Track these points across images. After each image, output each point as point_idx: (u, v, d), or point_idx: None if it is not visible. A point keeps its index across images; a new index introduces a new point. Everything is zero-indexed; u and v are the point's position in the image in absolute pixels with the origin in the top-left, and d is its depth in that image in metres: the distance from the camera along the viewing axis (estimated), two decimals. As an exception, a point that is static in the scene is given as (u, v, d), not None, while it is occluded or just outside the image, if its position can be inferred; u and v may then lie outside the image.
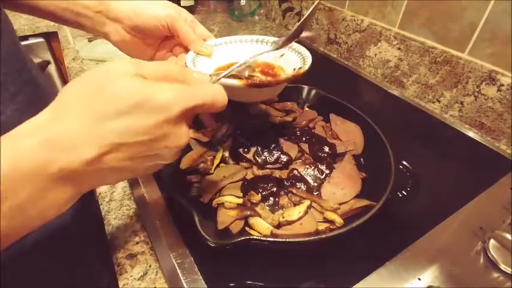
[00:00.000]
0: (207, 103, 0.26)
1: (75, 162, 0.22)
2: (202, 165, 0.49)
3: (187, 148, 0.53)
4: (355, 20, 0.86)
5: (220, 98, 0.27)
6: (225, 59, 0.49)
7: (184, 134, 0.26)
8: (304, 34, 0.50)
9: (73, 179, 0.22)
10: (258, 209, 0.43)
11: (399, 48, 0.77)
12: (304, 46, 0.47)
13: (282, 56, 0.49)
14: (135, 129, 0.23)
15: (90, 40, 0.94)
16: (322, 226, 0.42)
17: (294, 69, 0.44)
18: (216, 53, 0.48)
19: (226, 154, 0.52)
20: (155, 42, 0.47)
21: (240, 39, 0.52)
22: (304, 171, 0.48)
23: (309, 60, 0.44)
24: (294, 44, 0.47)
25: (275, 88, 0.45)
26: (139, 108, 0.22)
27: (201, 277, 0.38)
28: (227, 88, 0.29)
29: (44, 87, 0.43)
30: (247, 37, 0.52)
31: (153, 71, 0.25)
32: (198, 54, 0.45)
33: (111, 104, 0.22)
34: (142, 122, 0.23)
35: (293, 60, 0.47)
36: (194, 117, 0.29)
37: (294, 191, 0.46)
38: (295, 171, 0.48)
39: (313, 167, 0.49)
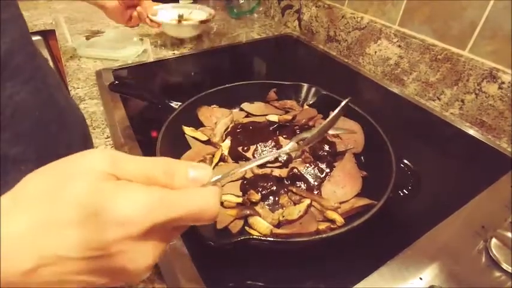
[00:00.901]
0: (190, 216, 0.21)
1: (9, 273, 0.18)
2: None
3: (186, 147, 0.53)
4: (355, 18, 0.85)
5: (211, 210, 0.22)
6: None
7: (150, 253, 0.21)
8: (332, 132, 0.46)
9: None
10: (257, 208, 0.43)
11: (399, 46, 0.76)
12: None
13: None
14: (84, 243, 0.19)
15: (87, 38, 0.94)
16: (323, 225, 0.41)
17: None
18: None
19: (225, 153, 0.51)
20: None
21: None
22: (304, 170, 0.48)
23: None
24: None
25: None
26: (93, 220, 0.19)
27: (200, 277, 0.37)
28: None
29: (51, 74, 0.44)
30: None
31: (130, 169, 0.21)
32: None
33: (62, 211, 0.19)
34: (94, 237, 0.19)
35: None
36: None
37: (294, 189, 0.45)
38: (295, 170, 0.48)
39: (313, 166, 0.48)
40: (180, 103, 0.56)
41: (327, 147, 0.51)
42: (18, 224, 0.19)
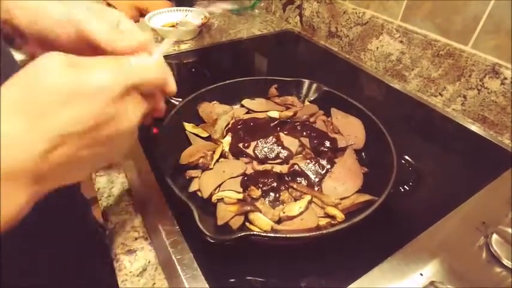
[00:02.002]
0: (149, 79, 0.26)
1: (28, 161, 0.21)
2: (201, 160, 0.48)
3: (187, 143, 0.53)
4: (356, 13, 0.85)
5: (155, 71, 0.27)
6: None
7: (131, 112, 0.25)
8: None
9: (29, 178, 0.21)
10: (258, 204, 0.43)
11: (401, 41, 0.76)
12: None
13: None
14: (78, 117, 0.22)
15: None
16: (323, 221, 0.41)
17: None
18: None
19: (226, 149, 0.51)
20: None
21: None
22: (304, 166, 0.48)
23: None
24: None
25: None
26: (75, 96, 0.22)
27: (200, 273, 0.37)
28: None
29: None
30: None
31: (87, 59, 0.24)
32: None
33: (47, 98, 0.22)
34: (83, 110, 0.22)
35: None
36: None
37: (295, 186, 0.45)
38: (296, 166, 0.48)
39: (314, 162, 0.48)
40: (180, 99, 0.56)
41: (327, 144, 0.51)
42: (12, 124, 0.21)
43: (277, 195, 0.44)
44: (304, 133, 0.53)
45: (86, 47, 0.29)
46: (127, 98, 0.25)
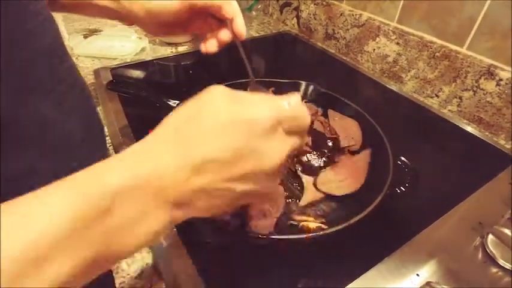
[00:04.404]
0: (295, 121, 0.26)
1: (175, 187, 0.22)
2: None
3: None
4: (353, 15, 0.85)
5: (305, 115, 0.27)
6: None
7: (277, 150, 0.25)
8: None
9: (171, 202, 0.22)
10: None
11: (398, 43, 0.76)
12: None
13: None
14: (225, 145, 0.22)
15: (85, 37, 0.93)
16: (314, 225, 0.42)
17: None
18: None
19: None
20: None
21: None
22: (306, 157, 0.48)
23: None
24: None
25: None
26: (229, 125, 0.23)
27: (198, 274, 0.37)
28: None
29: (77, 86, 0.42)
30: None
31: (247, 95, 0.26)
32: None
33: (203, 127, 0.23)
34: (231, 138, 0.23)
35: None
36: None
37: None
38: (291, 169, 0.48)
39: (317, 154, 0.49)
40: (178, 101, 0.56)
41: (330, 143, 0.51)
42: (169, 148, 0.22)
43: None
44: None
45: (188, 18, 0.45)
46: (276, 134, 0.24)
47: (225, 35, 0.48)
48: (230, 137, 0.23)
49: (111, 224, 0.20)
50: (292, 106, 0.26)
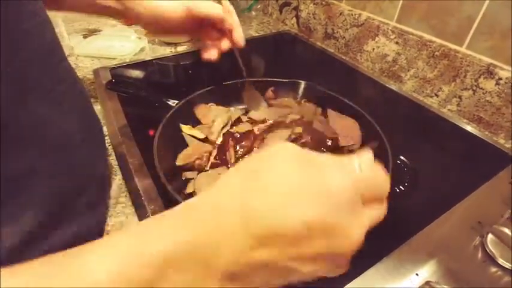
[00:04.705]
0: (377, 187, 0.23)
1: (237, 253, 0.19)
2: (197, 162, 0.48)
3: (183, 145, 0.53)
4: (352, 15, 0.85)
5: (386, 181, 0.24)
6: None
7: (355, 228, 0.21)
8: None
9: (224, 272, 0.20)
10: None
11: (397, 43, 0.76)
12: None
13: None
14: (293, 219, 0.19)
15: (85, 36, 0.93)
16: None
17: None
18: None
19: (223, 150, 0.51)
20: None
21: None
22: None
23: None
24: None
25: None
26: (300, 194, 0.19)
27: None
28: None
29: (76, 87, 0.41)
30: None
31: (317, 156, 0.22)
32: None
33: (270, 193, 0.19)
34: (302, 211, 0.19)
35: None
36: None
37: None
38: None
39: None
40: (177, 101, 0.56)
41: (329, 143, 0.51)
42: (232, 216, 0.19)
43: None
44: (305, 133, 0.53)
45: (190, 25, 0.49)
46: (355, 207, 0.21)
47: (225, 44, 0.53)
48: (304, 208, 0.19)
49: None
50: (372, 170, 0.23)
